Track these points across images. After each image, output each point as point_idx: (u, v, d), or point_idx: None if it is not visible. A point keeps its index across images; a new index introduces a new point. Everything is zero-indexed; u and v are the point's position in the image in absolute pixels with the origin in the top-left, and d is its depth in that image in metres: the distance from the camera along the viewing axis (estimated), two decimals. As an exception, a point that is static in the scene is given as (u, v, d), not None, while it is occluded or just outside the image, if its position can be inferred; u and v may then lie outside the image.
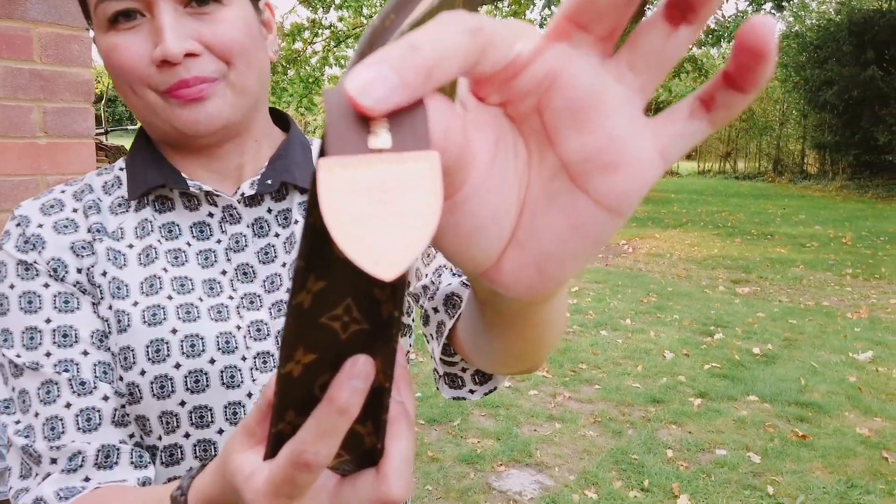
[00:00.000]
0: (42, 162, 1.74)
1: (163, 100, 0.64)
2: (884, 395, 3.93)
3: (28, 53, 1.69)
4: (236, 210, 0.70)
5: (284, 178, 0.70)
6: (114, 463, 0.63)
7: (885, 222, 11.45)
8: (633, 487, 2.86)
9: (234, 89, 0.65)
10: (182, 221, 0.70)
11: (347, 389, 0.31)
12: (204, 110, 0.64)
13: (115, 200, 0.70)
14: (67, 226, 0.67)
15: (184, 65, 0.62)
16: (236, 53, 0.64)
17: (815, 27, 19.63)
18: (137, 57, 0.62)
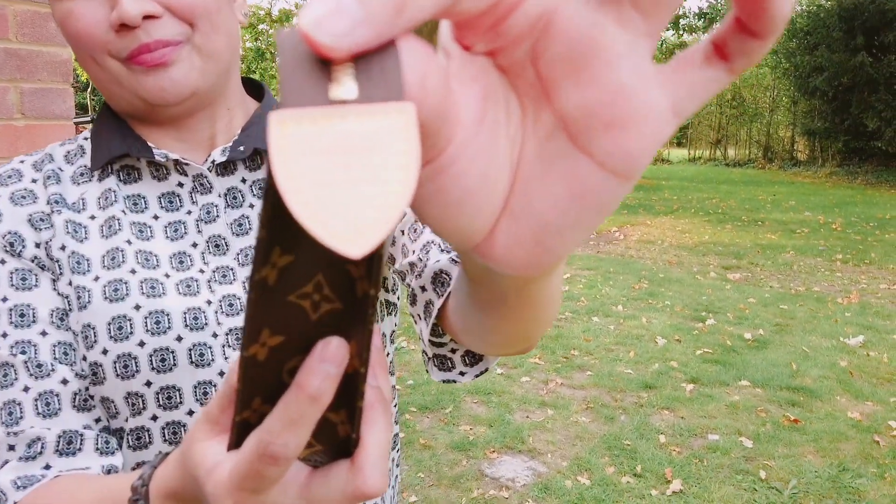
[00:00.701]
0: (20, 144, 1.69)
1: (125, 68, 0.60)
2: (875, 379, 3.95)
3: (3, 32, 1.64)
4: (207, 179, 0.66)
5: (257, 144, 0.66)
6: (77, 449, 0.59)
7: (875, 208, 11.50)
8: (625, 473, 2.85)
9: (201, 53, 0.61)
10: (149, 193, 0.66)
11: (318, 374, 0.28)
12: (169, 76, 0.60)
13: (78, 170, 0.66)
14: (25, 196, 0.64)
15: (143, 28, 0.58)
16: (199, 14, 0.60)
17: (805, 13, 19.62)
18: (94, 22, 0.58)
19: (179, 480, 0.40)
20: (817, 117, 19.02)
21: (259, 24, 14.05)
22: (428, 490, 2.73)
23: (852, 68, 16.45)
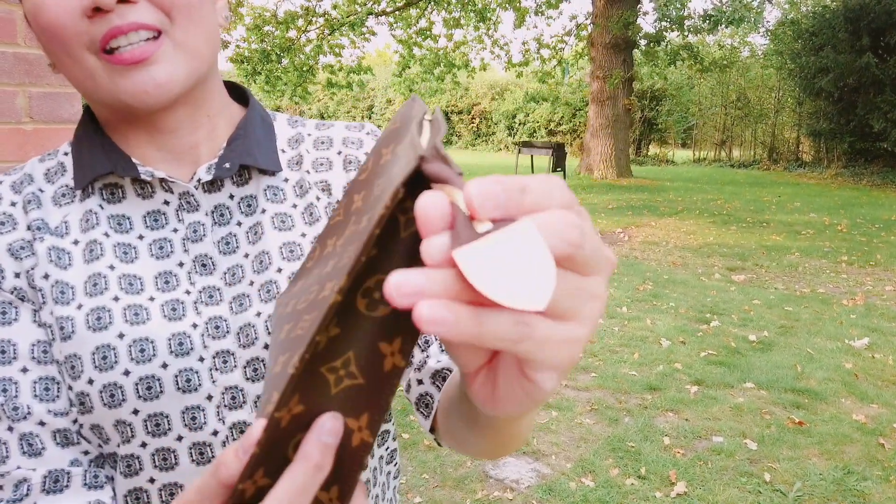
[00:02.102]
0: (28, 147, 1.70)
1: (102, 64, 0.56)
2: (880, 381, 3.94)
3: (12, 36, 1.65)
4: (194, 197, 0.64)
5: (245, 160, 0.64)
6: (63, 486, 0.59)
7: (880, 209, 11.46)
8: (629, 475, 2.86)
9: (184, 50, 0.58)
10: (134, 212, 0.63)
11: (319, 447, 0.32)
12: (151, 77, 0.56)
13: (59, 190, 0.63)
14: (4, 223, 0.61)
15: (117, 12, 0.55)
16: (178, 4, 0.57)
17: (810, 14, 19.56)
18: (65, 10, 0.54)
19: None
20: (823, 118, 18.95)
21: (265, 25, 14.06)
22: (432, 491, 2.74)
23: (858, 69, 16.39)
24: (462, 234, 0.27)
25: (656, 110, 25.76)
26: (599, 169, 16.05)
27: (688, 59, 15.62)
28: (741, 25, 14.59)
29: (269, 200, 0.66)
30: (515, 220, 0.27)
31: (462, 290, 0.27)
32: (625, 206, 11.30)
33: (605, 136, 15.96)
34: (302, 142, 0.70)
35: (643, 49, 15.75)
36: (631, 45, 15.69)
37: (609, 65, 15.53)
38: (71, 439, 0.60)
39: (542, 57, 16.89)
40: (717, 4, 14.48)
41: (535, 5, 15.86)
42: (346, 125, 0.73)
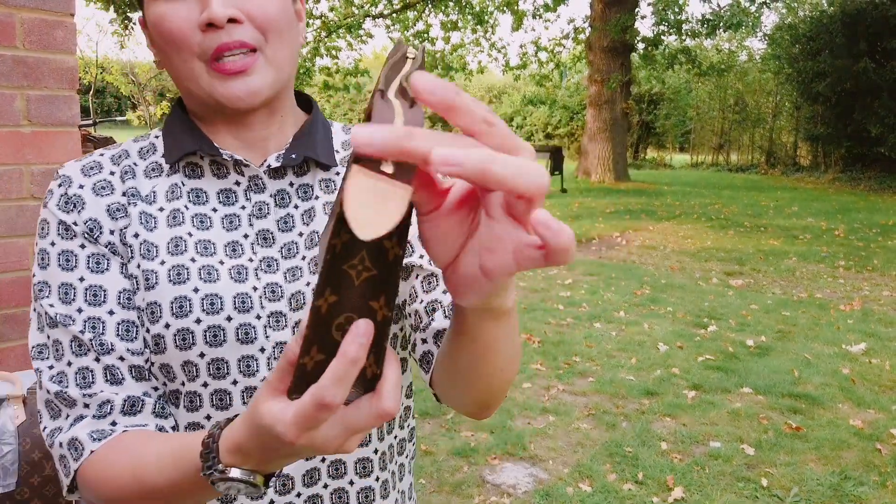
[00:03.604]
0: (26, 151, 1.70)
1: (207, 71, 0.68)
2: (877, 386, 3.94)
3: (11, 39, 1.65)
4: (261, 180, 0.75)
5: (308, 153, 0.75)
6: (138, 411, 0.70)
7: (878, 214, 11.48)
8: (627, 480, 2.85)
9: (273, 65, 0.70)
10: (210, 188, 0.75)
11: (355, 345, 0.41)
12: (246, 85, 0.69)
13: (150, 165, 0.76)
14: (105, 187, 0.73)
15: (226, 30, 0.67)
16: (273, 28, 0.69)
17: (808, 19, 19.62)
18: (184, 22, 0.67)
19: (246, 435, 0.50)
20: (820, 123, 19.00)
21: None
22: (429, 497, 2.73)
23: (855, 74, 16.44)
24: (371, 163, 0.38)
25: (654, 114, 25.80)
26: (597, 172, 16.07)
27: (685, 63, 15.65)
28: (739, 30, 14.61)
29: (322, 191, 0.77)
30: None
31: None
32: (622, 210, 11.31)
33: (603, 139, 15.99)
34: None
35: (641, 53, 15.78)
36: (629, 49, 15.73)
37: (607, 68, 15.56)
38: (144, 375, 0.71)
39: (539, 60, 16.92)
40: (716, 9, 14.51)
41: (533, 8, 15.89)
42: None
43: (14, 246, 1.71)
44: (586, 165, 16.49)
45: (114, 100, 35.48)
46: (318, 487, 0.76)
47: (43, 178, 1.74)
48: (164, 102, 25.60)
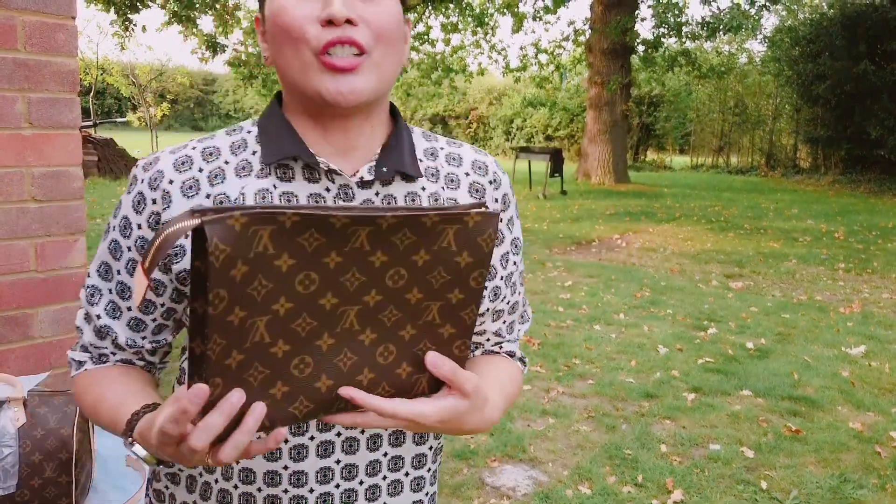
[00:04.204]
0: (27, 153, 1.70)
1: (318, 63, 0.70)
2: (876, 389, 3.94)
3: (12, 42, 1.65)
4: (351, 190, 0.77)
5: (397, 167, 0.78)
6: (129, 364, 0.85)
7: (878, 217, 11.49)
8: (626, 482, 2.85)
9: (378, 70, 0.73)
10: (300, 192, 0.76)
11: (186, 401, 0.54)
12: (350, 83, 0.71)
13: (240, 162, 0.77)
14: (192, 187, 0.76)
15: (342, 27, 0.70)
16: (385, 37, 0.72)
17: (807, 21, 19.63)
18: (303, 16, 0.70)
19: (146, 427, 0.65)
20: (820, 125, 19.01)
21: (263, 29, 14.09)
22: (429, 498, 2.73)
23: (855, 76, 16.45)
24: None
25: (654, 116, 25.82)
26: (597, 174, 16.08)
27: (686, 65, 15.65)
28: (739, 33, 14.62)
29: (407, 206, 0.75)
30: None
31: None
32: (622, 212, 11.31)
33: (603, 141, 15.99)
34: (437, 156, 0.85)
35: (641, 55, 15.79)
36: (629, 51, 15.74)
37: (607, 70, 15.57)
38: (140, 354, 0.84)
39: (539, 62, 16.92)
40: (715, 12, 14.52)
41: (534, 10, 15.90)
42: (472, 148, 0.88)
43: (15, 248, 1.71)
44: (586, 167, 16.50)
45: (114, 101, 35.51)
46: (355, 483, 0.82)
47: (43, 181, 1.74)
48: (165, 104, 25.63)
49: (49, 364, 1.80)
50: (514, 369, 0.91)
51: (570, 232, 9.29)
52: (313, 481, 0.79)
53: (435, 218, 0.61)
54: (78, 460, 1.35)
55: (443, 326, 0.66)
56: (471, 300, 0.66)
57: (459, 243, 0.63)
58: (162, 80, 26.86)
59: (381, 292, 0.62)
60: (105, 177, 13.34)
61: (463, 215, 0.62)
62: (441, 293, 0.65)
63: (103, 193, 11.39)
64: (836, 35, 17.19)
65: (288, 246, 0.55)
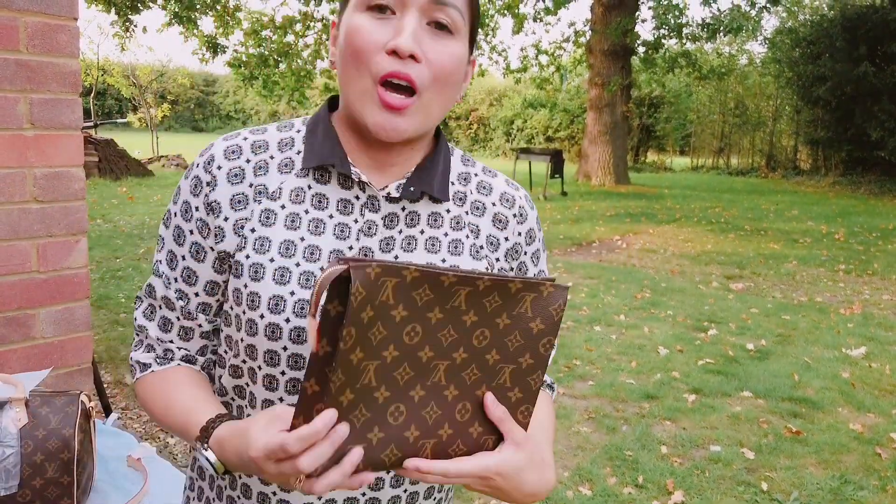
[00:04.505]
0: (29, 154, 1.70)
1: (373, 91, 0.74)
2: (877, 390, 3.94)
3: (14, 43, 1.65)
4: (378, 202, 0.81)
5: (424, 188, 0.81)
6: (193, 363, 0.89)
7: (878, 218, 11.49)
8: (627, 484, 2.85)
9: (425, 112, 0.77)
10: (332, 195, 0.81)
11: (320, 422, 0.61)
12: (395, 123, 0.75)
13: (284, 160, 0.82)
14: (237, 175, 0.81)
15: (404, 62, 0.73)
16: (442, 78, 0.76)
17: (808, 23, 19.64)
18: (374, 41, 0.73)
19: (229, 437, 0.69)
20: (820, 127, 19.02)
21: (263, 30, 14.07)
22: (429, 499, 2.73)
23: (855, 78, 16.46)
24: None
25: (654, 117, 25.82)
26: (597, 175, 16.08)
27: (686, 66, 15.66)
28: (739, 34, 14.62)
29: (429, 225, 0.83)
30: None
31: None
32: (623, 214, 11.31)
33: (603, 142, 16.00)
34: (469, 181, 0.88)
35: (641, 56, 15.79)
36: (629, 52, 15.74)
37: (607, 71, 15.58)
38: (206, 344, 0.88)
39: (540, 63, 16.92)
40: (716, 13, 14.53)
41: (534, 12, 15.91)
42: (506, 180, 0.90)
43: (16, 248, 1.71)
44: (586, 168, 16.50)
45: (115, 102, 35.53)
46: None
47: (46, 182, 1.74)
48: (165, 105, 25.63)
49: (50, 364, 1.80)
50: (548, 400, 0.93)
51: (571, 233, 9.29)
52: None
53: (518, 285, 0.68)
54: (79, 461, 1.35)
55: (512, 390, 0.71)
56: (538, 366, 0.72)
57: (535, 310, 0.70)
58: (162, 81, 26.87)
59: (467, 350, 0.67)
60: (105, 177, 13.34)
61: (540, 285, 0.69)
62: (514, 357, 0.70)
63: (103, 194, 11.39)
64: (836, 37, 17.20)
65: (404, 298, 0.63)
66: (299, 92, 14.56)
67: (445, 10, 0.75)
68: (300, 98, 14.78)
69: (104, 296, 5.31)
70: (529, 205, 0.90)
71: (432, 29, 0.75)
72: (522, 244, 0.88)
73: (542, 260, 0.92)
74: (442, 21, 0.75)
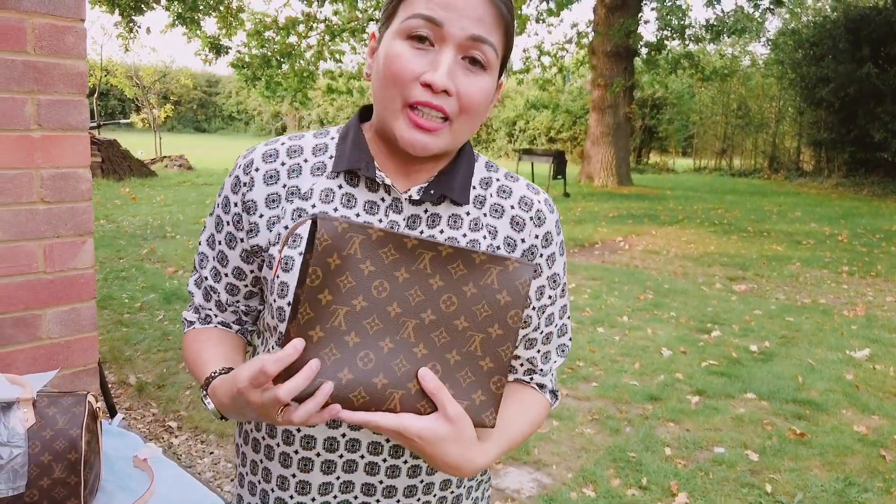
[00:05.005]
0: (36, 155, 1.71)
1: (404, 112, 0.80)
2: (881, 392, 3.94)
3: (22, 45, 1.66)
4: (401, 204, 0.87)
5: (444, 191, 0.87)
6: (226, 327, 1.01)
7: (881, 220, 11.48)
8: (631, 485, 2.85)
9: (454, 134, 0.83)
10: (360, 197, 0.88)
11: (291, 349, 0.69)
12: (423, 141, 0.80)
13: (316, 164, 0.89)
14: (273, 177, 0.89)
15: (437, 96, 0.79)
16: (471, 111, 0.82)
17: (811, 24, 19.62)
18: (411, 70, 0.79)
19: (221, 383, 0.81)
20: (823, 128, 19.00)
21: (266, 31, 14.08)
22: (433, 500, 2.73)
23: (858, 79, 16.44)
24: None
25: (657, 118, 25.80)
26: (600, 177, 16.07)
27: (689, 67, 15.64)
28: (742, 36, 14.60)
29: (448, 226, 0.89)
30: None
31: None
32: (625, 215, 11.31)
33: (606, 143, 15.99)
34: (490, 185, 0.92)
35: (644, 57, 15.78)
36: (632, 54, 15.73)
37: (610, 73, 15.57)
38: (237, 315, 0.99)
39: (542, 64, 16.91)
40: (719, 15, 14.51)
41: (537, 13, 15.91)
42: (527, 184, 0.95)
43: (23, 249, 1.72)
44: (589, 170, 16.49)
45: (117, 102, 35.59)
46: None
47: (53, 182, 1.75)
48: (168, 105, 25.67)
49: (57, 364, 1.81)
50: (538, 404, 0.97)
51: (573, 234, 9.28)
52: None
53: (483, 257, 0.76)
54: (87, 461, 1.36)
55: (483, 359, 0.77)
56: (507, 338, 0.77)
57: (500, 283, 0.76)
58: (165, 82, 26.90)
59: (435, 312, 0.75)
60: (108, 178, 13.36)
61: (505, 259, 0.76)
62: (483, 326, 0.76)
63: (107, 194, 11.41)
64: (839, 38, 17.18)
65: (371, 255, 0.72)
66: (302, 93, 14.57)
67: (481, 47, 0.80)
68: (302, 99, 14.79)
69: (108, 296, 5.31)
70: (549, 208, 0.93)
71: (466, 64, 0.80)
72: (538, 246, 0.91)
73: (557, 263, 0.94)
74: (476, 57, 0.80)
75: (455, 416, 0.75)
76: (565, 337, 0.99)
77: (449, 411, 0.75)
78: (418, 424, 0.74)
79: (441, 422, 0.75)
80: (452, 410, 0.75)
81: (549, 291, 0.93)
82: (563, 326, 0.98)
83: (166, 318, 4.90)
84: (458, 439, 0.76)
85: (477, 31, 0.79)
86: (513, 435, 0.89)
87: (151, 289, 5.63)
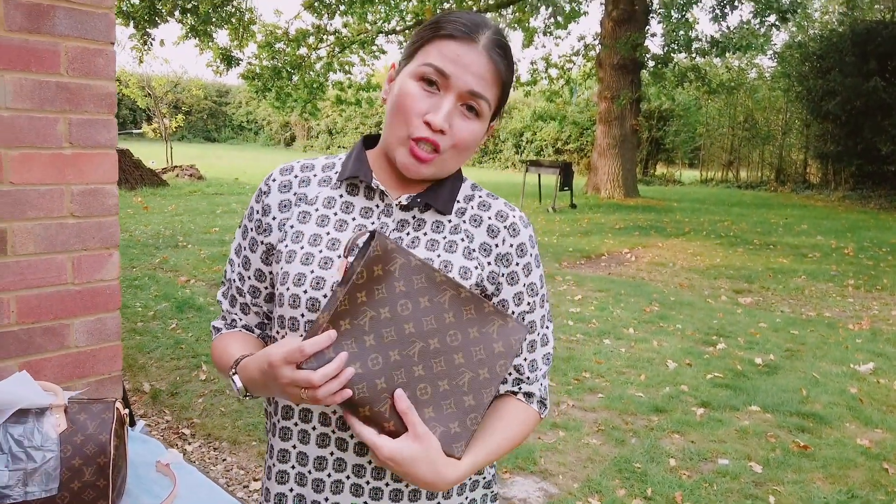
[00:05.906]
0: (67, 171, 1.79)
1: (405, 144, 0.96)
2: (885, 406, 3.97)
3: (55, 67, 1.74)
4: (392, 209, 1.02)
5: (430, 201, 1.02)
6: (250, 330, 1.14)
7: (888, 233, 11.48)
8: (636, 496, 2.90)
9: (444, 165, 0.99)
10: (358, 203, 1.04)
11: (325, 337, 0.85)
12: (418, 168, 0.97)
13: (323, 178, 1.07)
14: (286, 185, 1.07)
15: (434, 133, 0.95)
16: (461, 147, 0.98)
17: (818, 37, 19.68)
18: (418, 108, 0.95)
19: (251, 361, 0.93)
20: (830, 141, 19.00)
21: (276, 42, 14.25)
22: (442, 508, 2.78)
23: (865, 92, 16.46)
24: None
25: (664, 130, 25.85)
26: (607, 188, 16.12)
27: (695, 80, 15.70)
28: (748, 52, 14.65)
29: (432, 230, 1.02)
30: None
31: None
32: (632, 227, 11.35)
33: (613, 155, 16.05)
34: (473, 200, 1.07)
35: (651, 70, 15.85)
36: (639, 66, 15.81)
37: (617, 85, 15.65)
38: (259, 317, 1.12)
39: (550, 76, 17.01)
40: (725, 31, 14.58)
41: (544, 25, 16.02)
42: (506, 203, 1.09)
43: (53, 261, 1.79)
44: (596, 181, 16.55)
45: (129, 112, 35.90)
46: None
47: (82, 198, 1.83)
48: (179, 115, 25.90)
49: (83, 373, 1.88)
50: (523, 414, 1.04)
51: (580, 246, 9.34)
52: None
53: (491, 308, 0.91)
54: (115, 465, 1.42)
55: (467, 395, 0.89)
56: (492, 382, 0.90)
57: (499, 335, 0.91)
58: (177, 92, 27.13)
59: (440, 342, 0.88)
60: (121, 187, 13.47)
61: (507, 316, 0.92)
62: (476, 366, 0.89)
63: (119, 204, 11.52)
64: (846, 51, 17.23)
65: (406, 277, 0.87)
66: (311, 104, 14.70)
67: (478, 100, 0.97)
68: (312, 110, 14.93)
69: (121, 305, 5.40)
70: (524, 223, 1.06)
71: (463, 110, 0.97)
72: (513, 255, 1.03)
73: (533, 273, 1.05)
74: (472, 105, 0.97)
75: (422, 434, 0.87)
76: (549, 346, 1.08)
77: (417, 429, 0.87)
78: (389, 446, 0.86)
79: (408, 441, 0.87)
80: (420, 429, 0.87)
81: (527, 298, 1.04)
82: (545, 336, 1.07)
83: (179, 326, 4.98)
84: (427, 458, 0.87)
85: (476, 88, 0.95)
86: (490, 449, 0.96)
87: (164, 298, 5.71)
